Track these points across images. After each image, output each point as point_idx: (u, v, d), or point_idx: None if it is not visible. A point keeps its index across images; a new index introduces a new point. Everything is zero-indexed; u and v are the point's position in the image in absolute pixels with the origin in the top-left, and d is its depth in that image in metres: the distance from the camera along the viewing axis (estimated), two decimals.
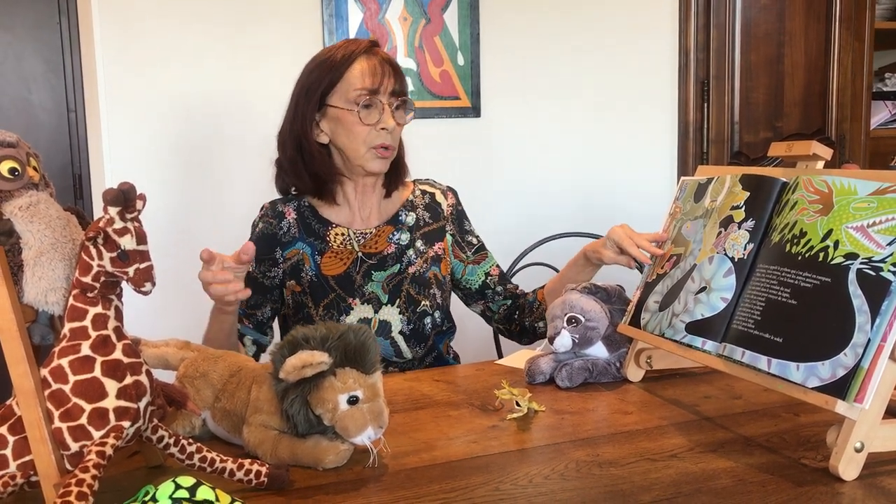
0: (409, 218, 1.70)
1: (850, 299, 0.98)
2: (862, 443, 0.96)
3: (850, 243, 1.01)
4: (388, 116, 1.56)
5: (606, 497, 0.94)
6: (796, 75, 3.26)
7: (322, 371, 1.01)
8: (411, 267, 1.66)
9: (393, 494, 0.96)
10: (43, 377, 0.88)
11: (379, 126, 1.55)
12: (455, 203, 1.78)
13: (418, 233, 1.69)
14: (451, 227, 1.75)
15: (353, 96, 1.55)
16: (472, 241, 1.77)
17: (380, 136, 1.56)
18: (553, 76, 2.97)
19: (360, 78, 1.55)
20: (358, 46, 1.58)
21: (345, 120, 1.56)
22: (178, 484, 0.83)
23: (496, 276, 1.76)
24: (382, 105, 1.56)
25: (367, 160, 1.58)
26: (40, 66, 2.63)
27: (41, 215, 0.91)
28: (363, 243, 1.64)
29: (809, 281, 1.03)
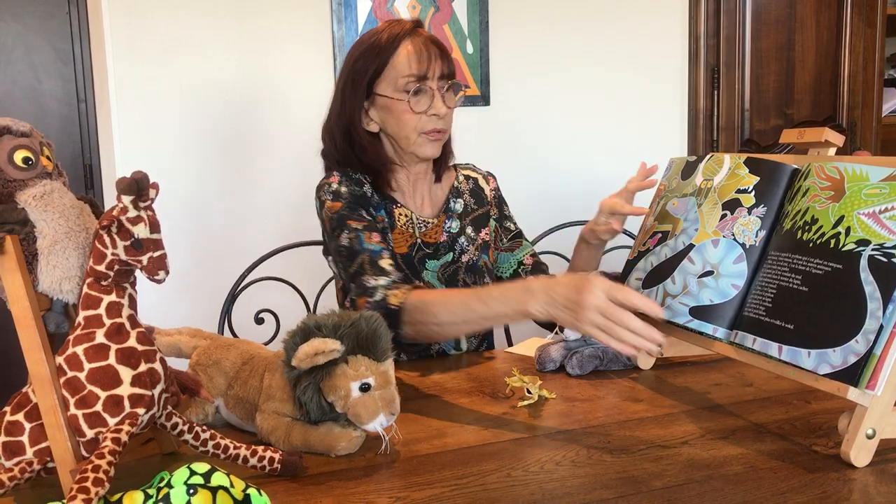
0: (457, 205, 1.66)
1: (861, 286, 0.97)
2: (874, 429, 0.96)
3: (861, 230, 1.01)
4: (438, 102, 1.52)
5: (617, 483, 0.94)
6: (807, 62, 3.23)
7: (334, 358, 1.01)
8: (464, 255, 1.63)
9: (405, 480, 0.97)
10: (58, 365, 0.89)
11: (430, 112, 1.51)
12: (496, 188, 1.75)
13: (467, 219, 1.66)
14: (495, 210, 1.72)
15: (401, 84, 1.50)
16: (510, 226, 1.74)
17: (431, 121, 1.52)
18: (562, 63, 2.96)
19: (407, 63, 1.49)
20: (402, 28, 1.52)
21: (394, 108, 1.52)
22: (193, 470, 0.83)
23: (529, 265, 1.71)
24: (432, 90, 1.51)
25: (419, 146, 1.54)
26: (50, 56, 2.63)
27: (55, 204, 0.92)
28: (423, 231, 1.60)
29: (821, 268, 1.03)
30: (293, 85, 2.62)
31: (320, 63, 2.63)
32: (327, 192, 1.52)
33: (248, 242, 2.53)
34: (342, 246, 1.45)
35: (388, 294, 1.35)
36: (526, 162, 2.95)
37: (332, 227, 1.48)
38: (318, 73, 2.63)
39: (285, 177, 2.63)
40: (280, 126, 2.62)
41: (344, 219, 1.47)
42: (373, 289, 1.37)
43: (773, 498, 0.89)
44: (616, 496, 0.91)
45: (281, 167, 2.63)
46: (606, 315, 1.09)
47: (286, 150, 2.62)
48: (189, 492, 0.80)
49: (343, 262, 1.45)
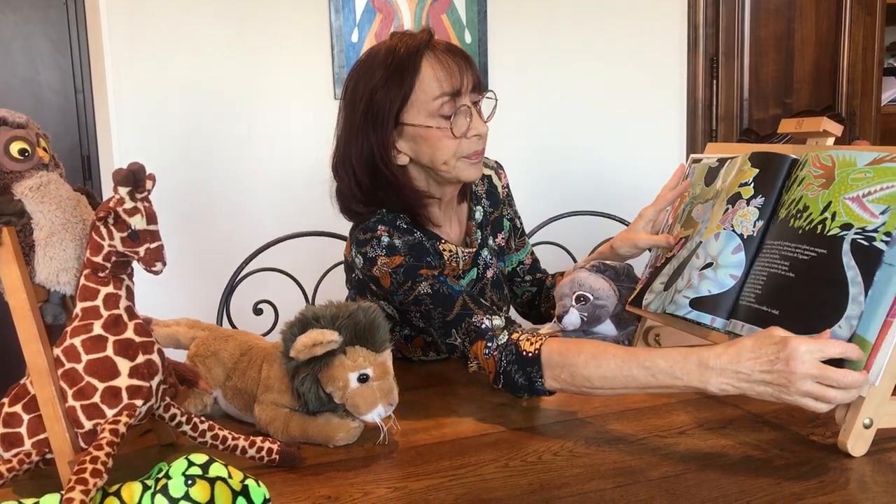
0: (477, 214, 1.52)
1: (843, 270, 0.98)
2: (871, 419, 0.96)
3: (846, 214, 1.01)
4: (478, 121, 1.35)
5: (615, 473, 0.95)
6: (806, 51, 3.23)
7: (332, 349, 1.01)
8: (489, 270, 1.51)
9: (403, 471, 0.97)
10: (56, 356, 0.89)
11: (471, 134, 1.33)
12: (507, 183, 1.63)
13: (487, 229, 1.54)
14: (508, 210, 1.61)
15: (434, 107, 1.31)
16: (518, 224, 1.65)
17: (472, 143, 1.34)
18: (561, 53, 2.95)
19: (437, 83, 1.31)
20: (418, 42, 1.33)
21: (429, 136, 1.33)
22: (191, 461, 0.84)
23: (528, 265, 1.66)
24: (468, 108, 1.33)
25: (461, 170, 1.36)
26: (47, 47, 2.62)
27: (52, 196, 0.92)
28: (465, 261, 1.46)
29: (807, 253, 1.03)
30: (291, 76, 2.61)
31: (318, 54, 2.63)
32: (378, 247, 1.31)
33: (247, 233, 2.52)
34: (423, 294, 1.27)
35: (518, 338, 1.18)
36: (524, 152, 2.95)
37: (399, 282, 1.30)
38: (316, 64, 2.62)
39: (284, 167, 2.63)
40: (278, 116, 2.61)
41: (414, 269, 1.29)
42: (490, 331, 1.21)
43: (770, 487, 0.90)
44: (613, 486, 0.91)
45: (279, 157, 2.62)
46: (821, 381, 0.93)
47: (284, 140, 2.62)
48: (187, 483, 0.80)
49: (431, 311, 1.27)
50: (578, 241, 2.23)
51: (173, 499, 0.79)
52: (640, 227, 1.42)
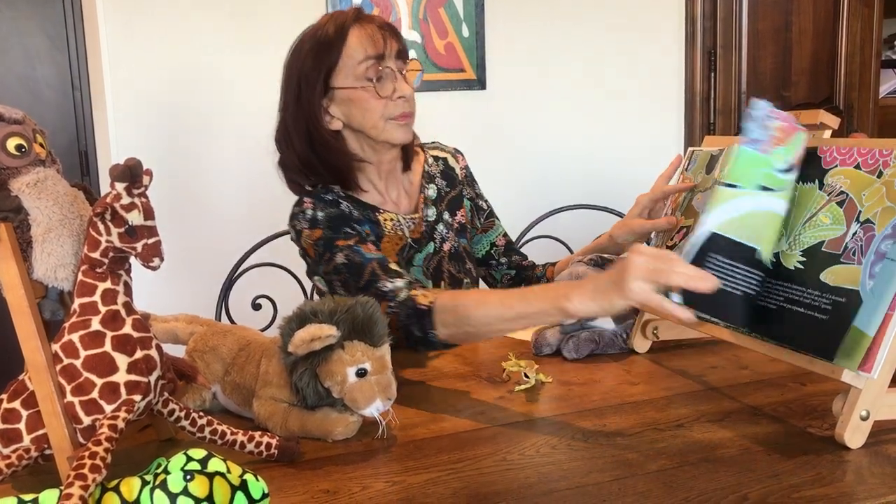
0: (430, 191, 1.60)
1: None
2: (868, 411, 0.97)
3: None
4: (402, 83, 1.45)
5: (613, 467, 0.95)
6: (804, 43, 3.22)
7: (330, 344, 1.02)
8: (446, 244, 1.58)
9: (402, 465, 0.97)
10: (54, 352, 0.89)
11: (396, 95, 1.43)
12: (466, 165, 1.71)
13: (442, 204, 1.61)
14: (468, 189, 1.68)
15: (360, 71, 1.42)
16: (483, 205, 1.71)
17: (398, 105, 1.44)
18: (558, 46, 2.94)
19: (362, 48, 1.42)
20: (346, 17, 1.45)
21: (357, 98, 1.44)
22: (190, 456, 0.84)
23: (501, 246, 1.71)
24: (393, 72, 1.44)
25: (389, 132, 1.46)
26: (44, 43, 2.62)
27: (49, 192, 0.92)
28: (412, 228, 1.54)
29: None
30: None
31: None
32: (303, 220, 1.44)
33: (245, 228, 2.52)
34: (340, 264, 1.37)
35: (414, 294, 1.27)
36: (522, 146, 2.94)
37: (319, 253, 1.40)
38: None
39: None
40: (276, 110, 2.61)
41: (331, 241, 1.39)
42: (392, 291, 1.29)
43: (768, 480, 0.90)
44: (612, 479, 0.91)
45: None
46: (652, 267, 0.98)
47: None
48: (186, 478, 0.80)
49: (347, 279, 1.36)
50: (577, 235, 2.23)
51: (172, 494, 0.79)
52: (636, 214, 1.45)
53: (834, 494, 0.86)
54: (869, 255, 0.96)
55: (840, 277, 0.99)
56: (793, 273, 1.05)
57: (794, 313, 1.03)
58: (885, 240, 0.95)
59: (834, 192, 1.05)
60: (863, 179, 1.02)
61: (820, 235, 1.04)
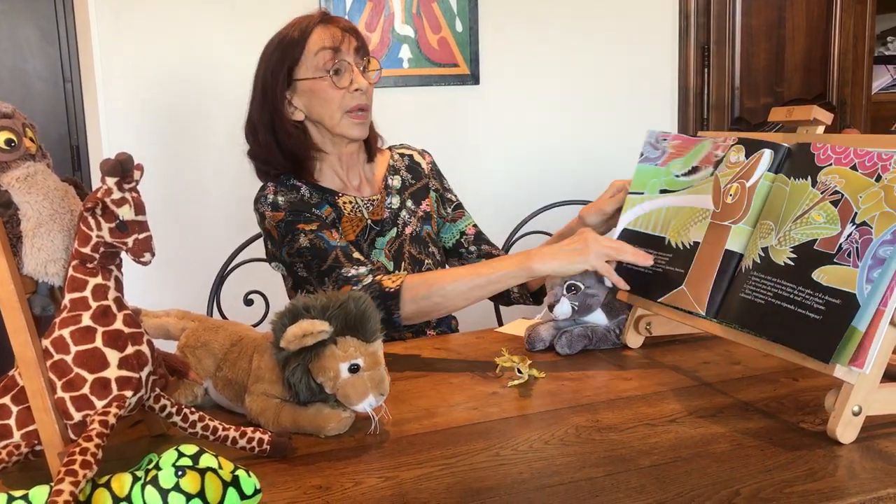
0: (395, 181, 1.70)
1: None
2: (860, 406, 0.97)
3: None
4: (358, 76, 1.54)
5: (606, 462, 0.95)
6: (797, 39, 3.23)
7: (323, 340, 1.01)
8: (407, 228, 1.66)
9: (394, 460, 0.97)
10: (44, 348, 0.88)
11: (352, 87, 1.53)
12: (432, 161, 1.79)
13: (406, 193, 1.70)
14: (434, 182, 1.76)
15: (319, 62, 1.53)
16: (451, 198, 1.79)
17: (354, 97, 1.54)
18: (552, 42, 2.94)
19: (321, 41, 1.53)
20: (311, 19, 1.56)
21: (316, 89, 1.54)
22: (181, 452, 0.83)
23: (471, 235, 1.76)
24: (350, 66, 1.54)
25: (345, 127, 1.56)
26: (35, 35, 2.60)
27: (39, 186, 0.91)
28: (371, 210, 1.63)
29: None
30: None
31: None
32: (265, 203, 1.54)
33: (237, 223, 2.52)
34: (303, 248, 1.47)
35: (379, 278, 1.39)
36: (515, 141, 2.94)
37: (282, 235, 1.50)
38: None
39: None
40: None
41: (293, 224, 1.49)
42: (355, 277, 1.41)
43: (760, 475, 0.90)
44: (604, 474, 0.92)
45: None
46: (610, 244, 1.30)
47: None
48: (177, 473, 0.80)
49: (311, 262, 1.47)
50: None
51: (163, 490, 0.79)
52: (607, 196, 1.51)
53: (826, 489, 0.87)
54: (866, 260, 0.95)
55: (834, 278, 0.98)
56: (782, 269, 1.05)
57: (784, 310, 1.03)
58: (882, 245, 0.95)
59: (828, 190, 1.04)
60: (860, 181, 1.01)
61: (812, 233, 1.03)
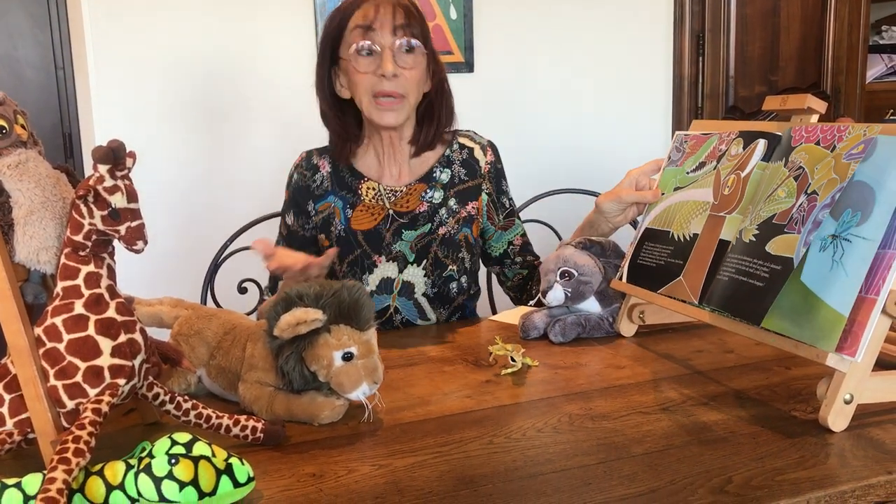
0: (443, 175, 1.60)
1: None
2: (851, 395, 0.97)
3: None
4: (387, 60, 1.44)
5: (599, 449, 0.95)
6: (792, 28, 3.22)
7: (317, 328, 1.01)
8: (442, 228, 1.58)
9: (388, 448, 0.97)
10: (37, 336, 0.88)
11: (378, 72, 1.44)
12: (494, 160, 1.67)
13: (452, 191, 1.60)
14: (488, 185, 1.65)
15: (351, 41, 1.46)
16: (506, 203, 1.68)
17: (380, 82, 1.45)
18: (547, 30, 2.93)
19: (358, 18, 1.46)
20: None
21: (349, 70, 1.48)
22: (175, 440, 0.83)
23: (518, 245, 1.68)
24: (383, 47, 1.45)
25: (374, 112, 1.48)
26: (26, 22, 2.58)
27: (30, 173, 0.90)
28: (393, 201, 1.56)
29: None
30: (274, 50, 2.59)
31: (301, 25, 2.60)
32: (293, 171, 1.62)
33: (231, 211, 2.51)
34: (281, 230, 1.62)
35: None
36: (510, 130, 2.93)
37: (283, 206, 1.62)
38: (299, 35, 2.60)
39: (268, 143, 2.61)
40: (262, 91, 2.59)
41: (282, 214, 1.62)
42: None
43: (752, 463, 0.91)
44: (597, 462, 0.92)
45: (263, 133, 2.60)
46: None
47: (268, 115, 2.60)
48: (171, 461, 0.80)
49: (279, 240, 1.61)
50: (564, 219, 2.23)
51: (157, 478, 0.79)
52: (625, 185, 1.47)
53: (817, 477, 0.87)
54: (807, 225, 0.99)
55: (781, 246, 1.03)
56: (746, 245, 1.09)
57: (737, 282, 1.07)
58: (823, 209, 0.99)
59: (794, 167, 1.08)
60: (818, 154, 1.06)
61: (773, 209, 1.08)
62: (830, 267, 0.96)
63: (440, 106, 1.58)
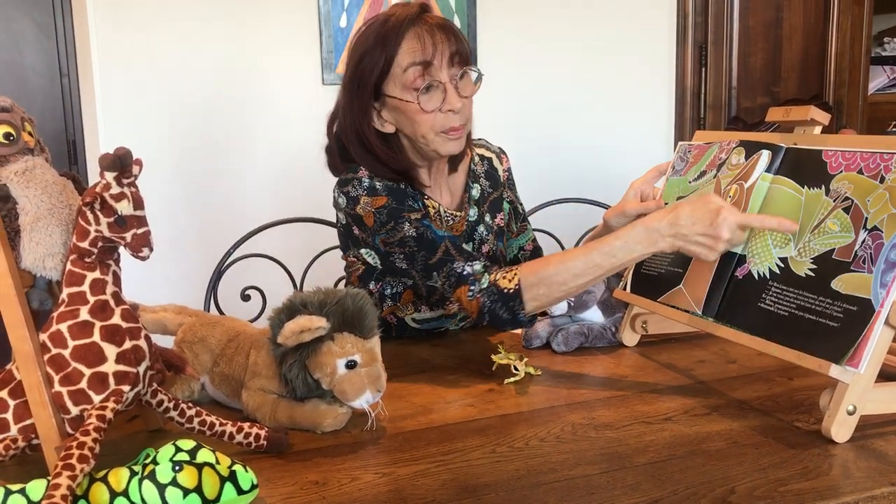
0: (474, 191, 1.56)
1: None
2: (854, 406, 0.97)
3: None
4: (452, 95, 1.36)
5: (601, 459, 0.95)
6: (794, 40, 3.23)
7: (320, 336, 1.01)
8: (484, 246, 1.55)
9: (391, 457, 0.97)
10: (42, 342, 0.88)
11: (445, 108, 1.36)
12: (509, 168, 1.66)
13: (485, 206, 1.57)
14: (508, 193, 1.64)
15: (408, 80, 1.35)
16: (520, 209, 1.67)
17: (448, 119, 1.37)
18: (549, 39, 2.94)
19: (410, 54, 1.34)
20: (406, 15, 1.36)
21: (406, 110, 1.37)
22: (179, 447, 0.84)
23: (529, 251, 1.67)
24: (443, 83, 1.36)
25: (439, 144, 1.39)
26: (31, 29, 2.59)
27: (37, 180, 0.91)
28: (451, 224, 1.50)
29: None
30: (279, 61, 2.60)
31: (306, 38, 2.61)
32: (359, 187, 1.39)
33: (235, 219, 2.51)
34: (408, 236, 1.35)
35: (496, 279, 1.27)
36: (512, 139, 2.93)
37: (382, 222, 1.36)
38: (304, 49, 2.61)
39: (272, 152, 2.62)
40: (266, 101, 2.60)
41: (397, 211, 1.36)
42: (472, 276, 1.29)
43: (755, 473, 0.91)
44: (600, 472, 0.92)
45: (267, 142, 2.61)
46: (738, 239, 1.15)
47: (273, 125, 2.61)
48: (175, 468, 0.80)
49: (415, 253, 1.34)
50: (567, 228, 2.24)
51: (161, 484, 0.79)
52: (629, 197, 1.43)
53: (820, 488, 0.87)
54: (879, 264, 0.96)
55: (850, 285, 0.99)
56: (804, 281, 1.05)
57: (805, 321, 1.03)
58: (893, 249, 0.96)
59: (839, 197, 1.05)
60: (866, 184, 1.02)
61: (830, 243, 1.04)
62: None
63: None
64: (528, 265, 1.28)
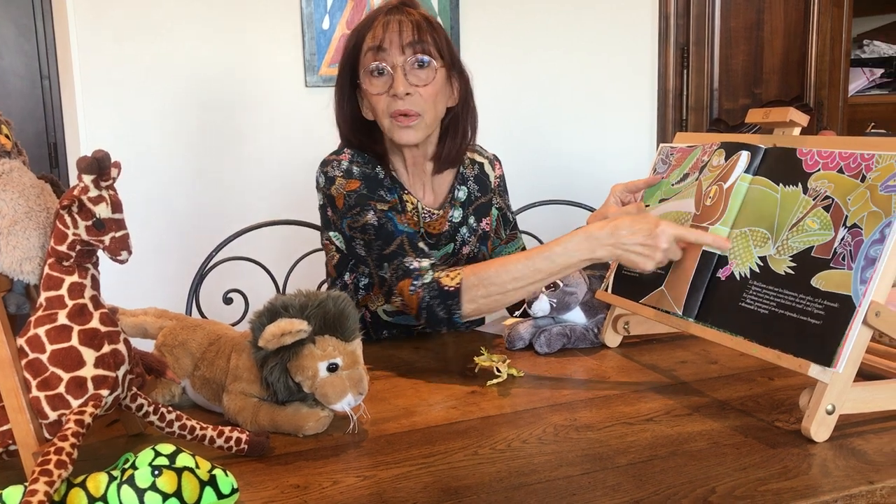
0: (460, 193, 1.59)
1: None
2: (833, 405, 0.98)
3: None
4: (399, 79, 1.41)
5: (583, 460, 0.95)
6: (775, 42, 3.26)
7: (301, 339, 1.01)
8: (465, 247, 1.57)
9: (373, 459, 0.97)
10: (19, 346, 0.88)
11: (391, 93, 1.41)
12: (501, 174, 1.69)
13: (470, 208, 1.59)
14: (498, 199, 1.66)
15: (365, 64, 1.43)
16: (510, 217, 1.70)
17: (394, 102, 1.42)
18: (532, 42, 2.95)
19: (371, 39, 1.43)
20: (385, 6, 1.45)
21: (366, 94, 1.46)
22: (158, 451, 0.83)
23: None
24: (394, 68, 1.41)
25: (392, 132, 1.45)
26: (11, 31, 2.57)
27: (14, 184, 0.90)
28: (427, 221, 1.54)
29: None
30: (261, 63, 2.59)
31: (289, 41, 2.60)
32: (337, 168, 1.44)
33: (217, 222, 2.50)
34: (370, 224, 1.38)
35: (439, 276, 1.30)
36: (495, 142, 2.94)
37: (349, 206, 1.41)
38: (287, 51, 2.60)
39: (253, 155, 2.60)
40: (248, 104, 2.59)
41: (365, 198, 1.40)
42: (418, 271, 1.32)
43: (735, 473, 0.91)
44: (581, 473, 0.92)
45: (249, 145, 2.60)
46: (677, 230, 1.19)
47: (255, 127, 2.60)
48: (154, 473, 0.79)
49: (372, 241, 1.38)
50: (549, 230, 2.23)
51: (140, 489, 0.79)
52: (611, 203, 1.45)
53: (800, 487, 0.88)
54: (859, 261, 0.97)
55: (830, 282, 1.00)
56: (784, 278, 1.06)
57: (786, 318, 1.03)
58: (873, 245, 0.96)
59: (819, 196, 1.06)
60: (847, 183, 1.03)
61: (808, 241, 1.04)
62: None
63: (464, 121, 1.55)
64: (472, 266, 1.30)
